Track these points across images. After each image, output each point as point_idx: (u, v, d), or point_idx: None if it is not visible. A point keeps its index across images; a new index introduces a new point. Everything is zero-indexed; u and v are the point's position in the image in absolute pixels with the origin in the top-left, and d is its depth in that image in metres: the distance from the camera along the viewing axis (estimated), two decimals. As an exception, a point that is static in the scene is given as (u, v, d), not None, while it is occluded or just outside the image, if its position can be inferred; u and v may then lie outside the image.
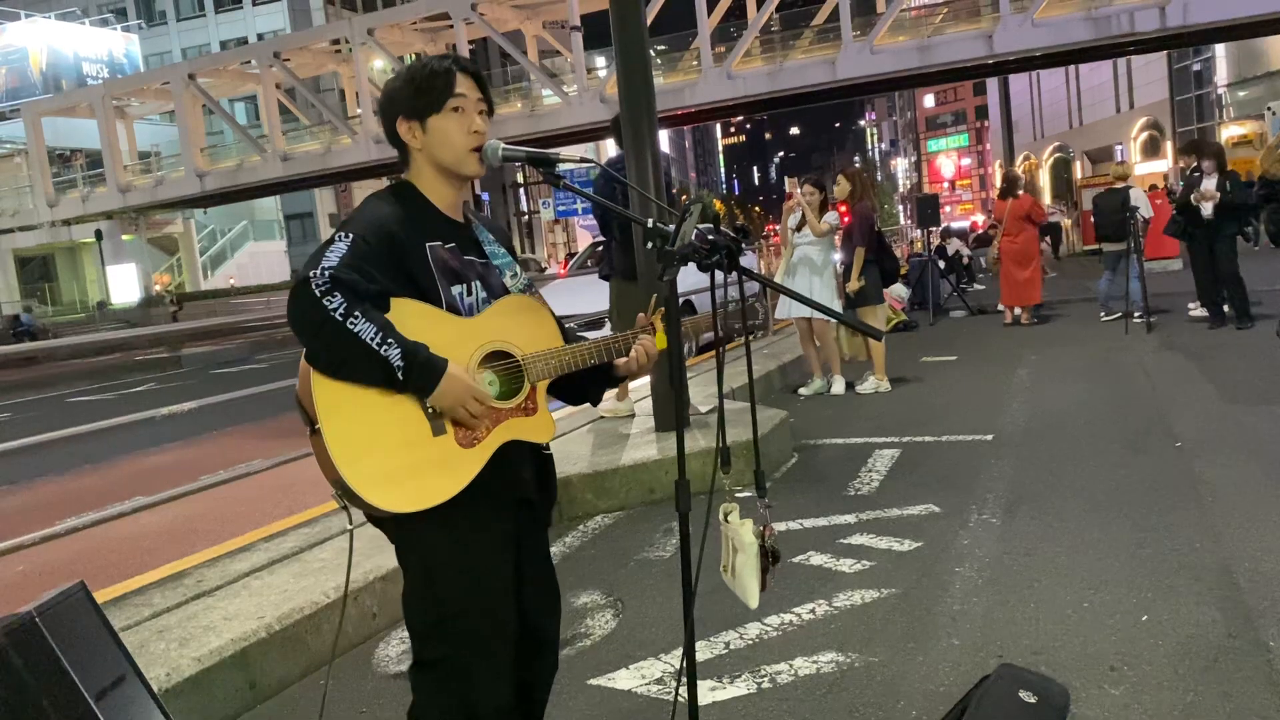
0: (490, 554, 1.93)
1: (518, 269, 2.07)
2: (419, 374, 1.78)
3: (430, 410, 1.84)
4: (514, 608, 1.98)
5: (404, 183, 2.01)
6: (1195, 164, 9.33)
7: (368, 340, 1.73)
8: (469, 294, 1.96)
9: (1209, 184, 9.08)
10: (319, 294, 1.72)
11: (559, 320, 2.08)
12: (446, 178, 1.99)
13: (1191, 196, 9.17)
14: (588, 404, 2.21)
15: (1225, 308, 9.23)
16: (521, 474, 1.98)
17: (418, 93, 1.94)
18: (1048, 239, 24.45)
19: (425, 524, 1.84)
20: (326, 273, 1.74)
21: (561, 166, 2.07)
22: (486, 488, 1.87)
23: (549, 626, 2.11)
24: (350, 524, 1.92)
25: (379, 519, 1.91)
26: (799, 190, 7.58)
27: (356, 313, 1.72)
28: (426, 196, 1.98)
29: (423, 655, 1.97)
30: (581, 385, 2.11)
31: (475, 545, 1.91)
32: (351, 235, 1.81)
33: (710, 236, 1.88)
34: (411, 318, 1.82)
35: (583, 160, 2.22)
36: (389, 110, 1.98)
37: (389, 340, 1.75)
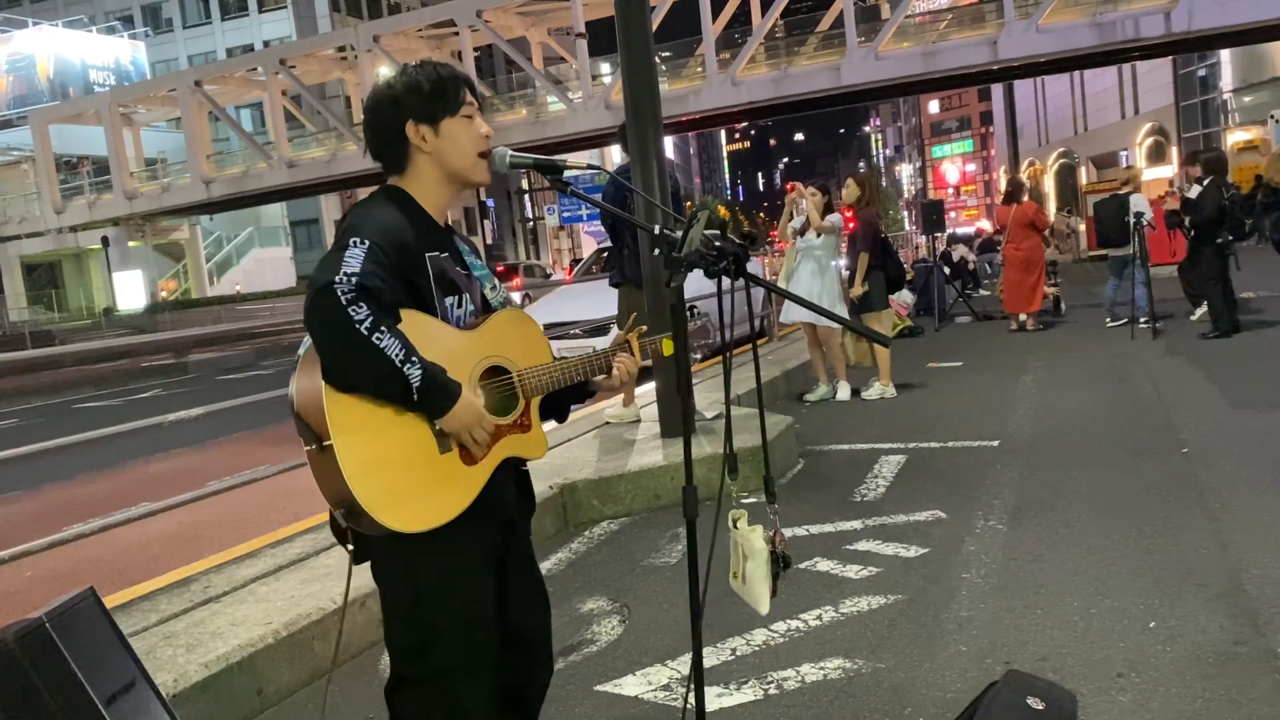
0: (476, 575, 1.91)
1: (495, 282, 2.06)
2: (435, 396, 1.75)
3: (438, 428, 1.81)
4: (497, 626, 1.96)
5: (395, 188, 1.94)
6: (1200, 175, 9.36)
7: (393, 357, 1.68)
8: (459, 305, 1.93)
9: (1193, 192, 9.13)
10: (345, 302, 1.66)
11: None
12: (450, 183, 1.96)
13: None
14: (554, 421, 2.17)
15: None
16: (506, 494, 1.97)
17: (432, 96, 1.91)
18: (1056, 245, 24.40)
19: (415, 545, 1.80)
20: (353, 279, 1.67)
21: (568, 173, 2.07)
22: (474, 509, 1.84)
23: (533, 624, 2.08)
24: (349, 546, 1.83)
25: (367, 539, 1.83)
26: (801, 187, 7.59)
27: (383, 327, 1.67)
28: (419, 203, 1.93)
29: (406, 675, 1.93)
30: (558, 401, 2.10)
31: (461, 567, 1.88)
32: (368, 242, 1.74)
33: (717, 243, 1.88)
34: (418, 329, 1.78)
35: (589, 167, 2.21)
36: (395, 112, 1.92)
37: (412, 359, 1.70)
